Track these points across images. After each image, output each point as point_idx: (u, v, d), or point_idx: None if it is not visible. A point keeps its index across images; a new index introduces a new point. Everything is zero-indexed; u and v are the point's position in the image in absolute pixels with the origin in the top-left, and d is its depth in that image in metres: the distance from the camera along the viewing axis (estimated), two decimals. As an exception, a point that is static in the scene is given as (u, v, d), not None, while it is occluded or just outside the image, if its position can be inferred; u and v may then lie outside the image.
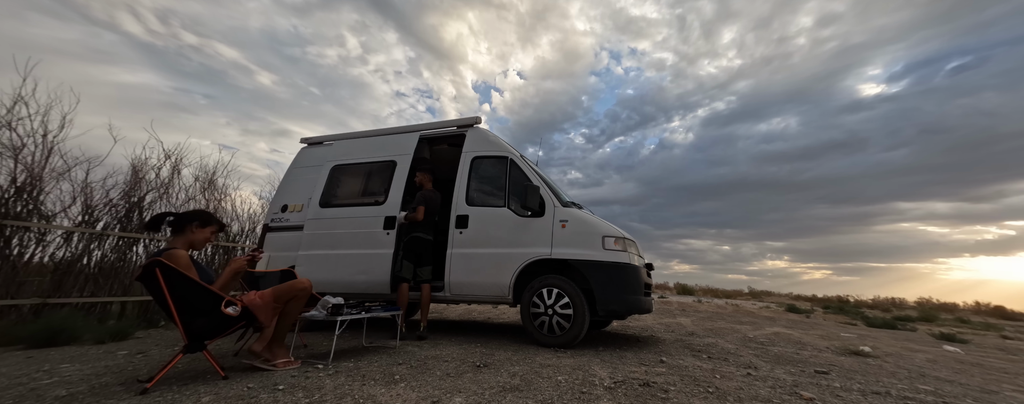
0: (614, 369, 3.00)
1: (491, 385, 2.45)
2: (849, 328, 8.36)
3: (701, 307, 12.70)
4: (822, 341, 5.62)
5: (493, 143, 4.56)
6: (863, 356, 4.49)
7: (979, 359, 4.96)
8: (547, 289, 3.81)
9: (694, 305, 13.78)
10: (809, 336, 6.16)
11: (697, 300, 19.05)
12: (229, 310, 2.45)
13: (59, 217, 5.20)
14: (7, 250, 4.51)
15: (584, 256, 3.79)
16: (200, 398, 2.16)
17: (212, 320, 2.46)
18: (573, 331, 3.69)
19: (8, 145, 4.73)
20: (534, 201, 3.96)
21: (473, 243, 4.18)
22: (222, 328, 2.52)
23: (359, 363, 3.01)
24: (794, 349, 4.67)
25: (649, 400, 2.26)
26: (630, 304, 3.71)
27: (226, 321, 2.48)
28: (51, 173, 5.06)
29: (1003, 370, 4.24)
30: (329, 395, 2.24)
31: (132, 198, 5.83)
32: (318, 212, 4.90)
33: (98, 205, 5.49)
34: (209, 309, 2.45)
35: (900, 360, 4.40)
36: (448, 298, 4.25)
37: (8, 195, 4.62)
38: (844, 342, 5.57)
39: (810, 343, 5.30)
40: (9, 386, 2.36)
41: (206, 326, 2.46)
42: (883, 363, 4.13)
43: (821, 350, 4.74)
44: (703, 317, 8.71)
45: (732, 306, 14.88)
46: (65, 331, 3.83)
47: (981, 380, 3.58)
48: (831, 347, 5.05)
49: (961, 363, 4.55)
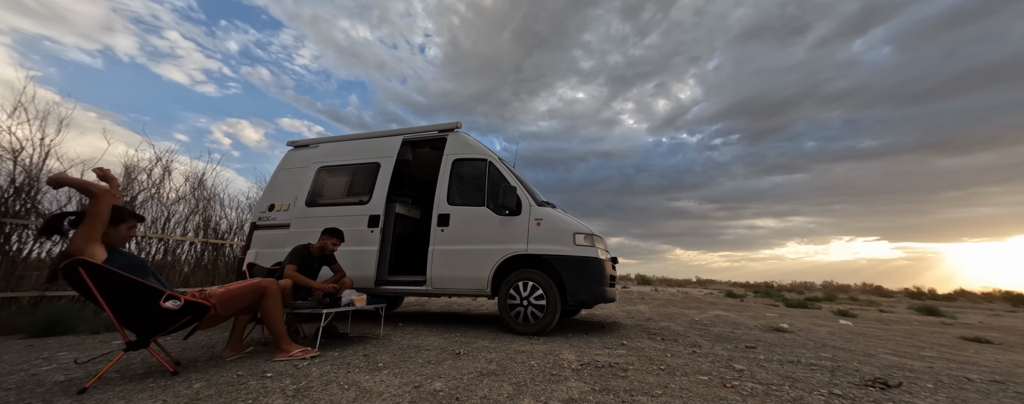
0: (581, 353, 2.95)
1: (469, 371, 2.37)
2: (773, 309, 8.69)
3: (657, 295, 12.94)
4: (752, 321, 5.79)
5: (473, 146, 4.42)
6: (782, 332, 4.74)
7: (864, 330, 5.43)
8: (523, 282, 3.74)
9: (652, 294, 14.03)
10: (742, 317, 6.33)
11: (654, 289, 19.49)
12: (169, 304, 2.14)
13: None
14: (7, 246, 4.37)
15: (557, 251, 3.73)
16: (192, 384, 2.06)
17: (151, 316, 2.14)
18: (546, 320, 3.63)
19: (8, 148, 4.59)
20: (511, 201, 3.88)
21: (454, 240, 4.05)
22: (165, 324, 2.19)
23: (344, 352, 2.86)
24: (730, 329, 4.79)
25: (611, 379, 2.23)
26: (597, 294, 3.67)
27: (167, 316, 2.15)
28: (48, 174, 4.87)
29: (880, 337, 4.74)
30: (315, 381, 2.11)
31: (124, 198, 5.60)
32: (304, 211, 4.65)
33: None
34: (147, 304, 2.11)
35: (809, 334, 4.69)
36: (430, 292, 4.08)
37: (8, 195, 4.48)
38: (768, 321, 5.76)
39: (743, 323, 5.45)
40: (11, 372, 2.30)
41: (148, 323, 2.16)
42: (796, 337, 4.38)
43: (751, 329, 4.89)
44: (659, 304, 8.84)
45: (682, 294, 15.23)
46: (62, 322, 3.69)
47: (864, 346, 3.95)
48: (758, 326, 5.20)
49: (852, 334, 4.96)
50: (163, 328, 2.21)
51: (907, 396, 2.15)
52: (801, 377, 2.45)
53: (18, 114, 4.72)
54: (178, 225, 6.23)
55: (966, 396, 2.23)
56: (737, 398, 1.97)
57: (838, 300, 13.71)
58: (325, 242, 3.49)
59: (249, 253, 4.65)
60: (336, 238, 3.54)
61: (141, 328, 2.19)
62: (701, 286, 29.36)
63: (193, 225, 6.40)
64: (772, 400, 1.97)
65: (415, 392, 1.95)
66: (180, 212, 6.30)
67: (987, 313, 12.23)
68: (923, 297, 21.91)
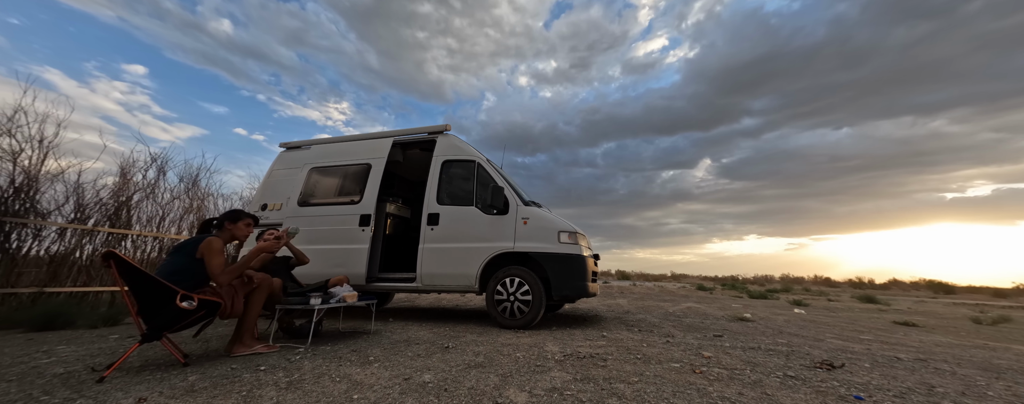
0: (564, 345, 2.92)
1: (458, 363, 2.31)
2: (738, 300, 8.86)
3: (635, 289, 13.04)
4: (719, 311, 5.88)
5: (462, 148, 4.32)
6: (746, 321, 4.84)
7: (815, 318, 5.65)
8: (510, 278, 3.68)
9: (630, 288, 14.16)
10: (711, 308, 6.43)
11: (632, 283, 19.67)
12: (184, 304, 2.12)
13: (53, 214, 4.79)
14: (7, 244, 4.21)
15: (543, 249, 3.67)
16: (187, 376, 1.99)
17: (168, 312, 2.13)
18: (531, 314, 3.58)
19: (8, 150, 4.42)
20: (499, 201, 3.82)
21: (444, 238, 3.97)
22: (178, 319, 2.17)
23: (336, 346, 2.78)
24: (700, 319, 4.85)
25: (591, 368, 2.21)
26: (580, 289, 3.62)
27: (182, 313, 2.14)
28: (46, 175, 4.69)
29: (828, 324, 4.97)
30: (308, 374, 2.04)
31: (120, 197, 5.41)
32: (296, 210, 4.50)
33: (89, 204, 5.09)
34: (164, 301, 2.12)
35: (768, 322, 4.81)
36: (420, 288, 3.98)
37: (7, 195, 4.30)
38: (734, 311, 5.87)
39: (711, 314, 5.53)
40: (13, 364, 2.24)
41: (164, 317, 2.13)
42: (758, 325, 4.50)
43: (718, 319, 4.96)
44: (636, 297, 8.89)
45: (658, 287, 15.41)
46: (61, 316, 3.56)
47: (814, 332, 4.12)
48: (725, 316, 5.28)
49: (805, 321, 5.14)
50: (175, 323, 2.19)
51: (848, 375, 2.26)
52: (760, 361, 2.51)
53: (18, 117, 4.52)
54: (173, 223, 6.02)
55: (896, 373, 2.35)
56: (705, 383, 1.99)
57: (793, 291, 14.10)
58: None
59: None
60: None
61: (157, 322, 2.14)
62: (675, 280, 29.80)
63: (187, 223, 6.19)
64: (735, 383, 2.00)
65: (405, 384, 1.90)
66: (175, 210, 6.11)
67: (914, 299, 12.85)
68: (864, 287, 23.37)
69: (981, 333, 4.66)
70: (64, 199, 4.81)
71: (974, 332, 4.73)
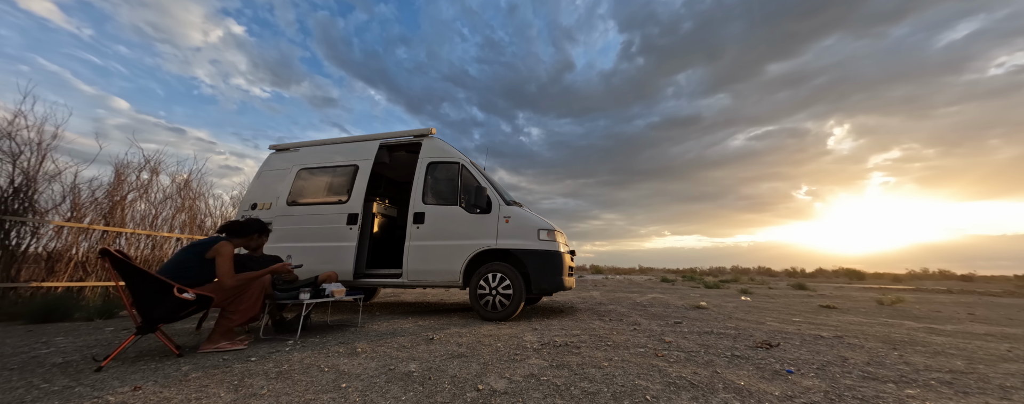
0: (542, 335, 2.87)
1: (441, 353, 2.24)
2: (696, 290, 9.03)
3: (607, 283, 13.13)
4: (679, 301, 5.95)
5: (446, 151, 4.18)
6: (702, 309, 4.91)
7: (758, 304, 5.85)
8: (492, 273, 3.60)
9: (603, 281, 14.24)
10: (672, 298, 6.51)
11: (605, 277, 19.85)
12: (185, 295, 2.02)
13: (51, 213, 4.51)
14: (6, 241, 3.97)
15: (523, 246, 3.60)
16: (181, 366, 1.89)
17: (165, 304, 2.02)
18: (511, 307, 3.51)
19: (7, 152, 4.16)
20: (482, 200, 3.73)
21: (429, 236, 3.84)
22: (175, 312, 2.07)
23: (324, 339, 2.66)
24: (663, 308, 4.88)
25: (566, 356, 2.18)
26: (557, 283, 3.56)
27: (179, 305, 2.03)
28: (44, 175, 4.41)
29: (768, 309, 5.11)
30: (297, 365, 1.94)
31: (115, 197, 5.13)
32: (285, 210, 4.28)
33: (85, 203, 4.83)
34: (162, 295, 2.01)
35: (720, 309, 4.89)
36: (405, 283, 3.83)
37: (7, 195, 4.06)
38: (692, 300, 5.95)
39: (673, 303, 5.59)
40: (14, 354, 2.20)
41: (160, 311, 2.03)
42: (711, 312, 4.58)
43: (679, 307, 5.02)
44: (608, 290, 8.92)
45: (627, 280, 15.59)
46: (59, 309, 3.39)
47: (757, 316, 4.24)
48: (684, 305, 5.34)
49: (750, 307, 5.28)
50: (172, 316, 2.09)
51: (783, 352, 2.38)
52: (713, 344, 2.58)
53: (17, 121, 4.24)
54: (165, 222, 5.71)
55: (819, 349, 2.51)
56: (665, 365, 2.00)
57: (741, 281, 14.55)
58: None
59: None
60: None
61: (153, 314, 2.03)
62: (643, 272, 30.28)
63: (179, 222, 5.87)
64: (691, 364, 2.03)
65: (390, 373, 1.82)
66: (167, 210, 5.80)
67: (834, 286, 13.49)
68: (797, 276, 24.70)
69: (883, 312, 4.97)
70: (61, 198, 4.53)
71: (878, 311, 5.02)
